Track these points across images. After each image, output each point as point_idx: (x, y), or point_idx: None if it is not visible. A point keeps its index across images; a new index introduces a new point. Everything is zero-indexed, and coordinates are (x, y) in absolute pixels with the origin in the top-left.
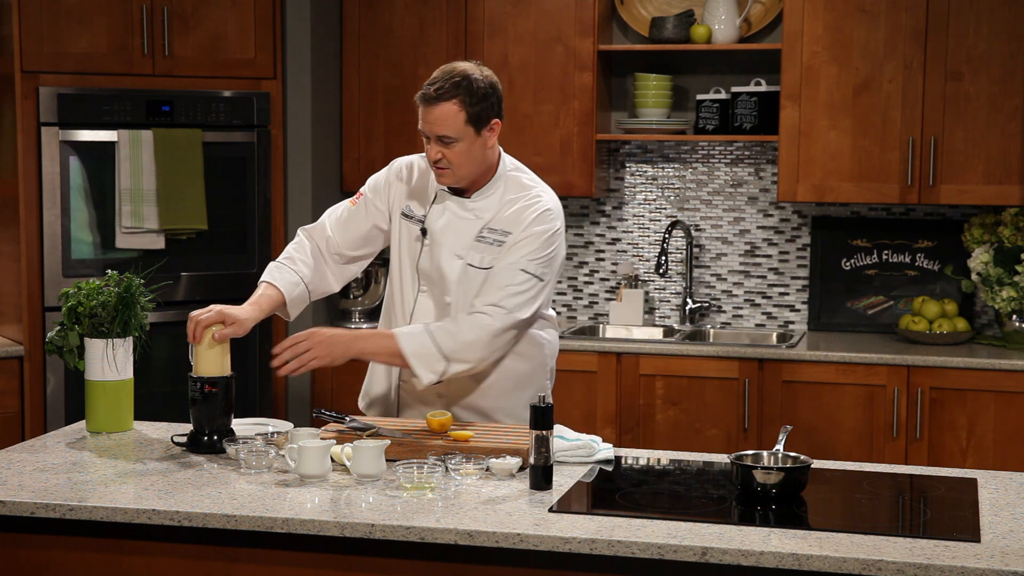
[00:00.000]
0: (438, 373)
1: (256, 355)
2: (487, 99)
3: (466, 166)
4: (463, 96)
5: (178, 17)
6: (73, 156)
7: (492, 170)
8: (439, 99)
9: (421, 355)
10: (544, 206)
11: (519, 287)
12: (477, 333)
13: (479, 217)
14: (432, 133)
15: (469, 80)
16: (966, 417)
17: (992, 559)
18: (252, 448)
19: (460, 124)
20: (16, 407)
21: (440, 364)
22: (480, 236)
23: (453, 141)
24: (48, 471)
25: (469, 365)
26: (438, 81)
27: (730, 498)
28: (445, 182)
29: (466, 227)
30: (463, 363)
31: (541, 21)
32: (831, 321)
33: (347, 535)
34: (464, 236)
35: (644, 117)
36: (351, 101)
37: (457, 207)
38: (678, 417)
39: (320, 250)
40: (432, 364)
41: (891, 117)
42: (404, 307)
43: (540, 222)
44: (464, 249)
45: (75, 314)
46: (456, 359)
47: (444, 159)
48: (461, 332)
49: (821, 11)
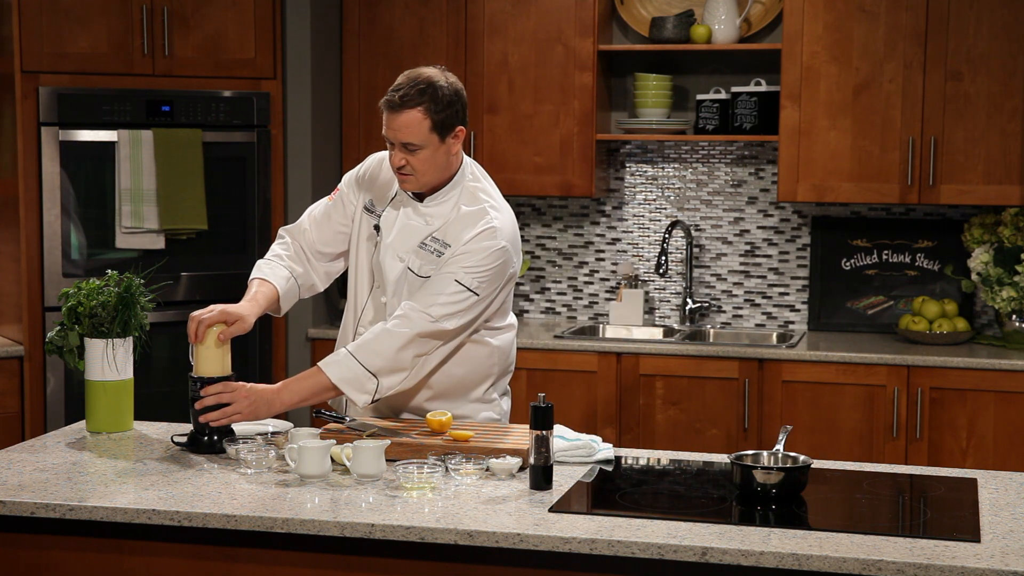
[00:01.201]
0: (371, 392)
1: (256, 355)
2: (452, 106)
3: (430, 173)
4: (428, 103)
5: (178, 17)
6: (73, 156)
7: (452, 175)
8: (404, 106)
9: (349, 379)
10: (491, 223)
11: (449, 297)
12: (397, 341)
13: (428, 224)
14: (396, 140)
15: (434, 87)
16: (966, 417)
17: (992, 559)
18: (252, 448)
19: (424, 131)
20: (16, 407)
21: (371, 383)
22: (423, 243)
23: (417, 148)
24: (48, 471)
25: (400, 376)
26: (403, 88)
27: (730, 498)
28: (408, 188)
29: (413, 231)
30: (392, 375)
31: (541, 21)
32: (831, 321)
33: (347, 535)
34: (410, 240)
35: (644, 117)
36: (351, 101)
37: (411, 210)
38: (678, 417)
39: (302, 248)
40: (363, 385)
41: (891, 117)
42: (357, 305)
43: (485, 238)
44: (407, 252)
45: (75, 314)
46: (384, 373)
47: (408, 166)
48: (381, 346)
49: (821, 11)
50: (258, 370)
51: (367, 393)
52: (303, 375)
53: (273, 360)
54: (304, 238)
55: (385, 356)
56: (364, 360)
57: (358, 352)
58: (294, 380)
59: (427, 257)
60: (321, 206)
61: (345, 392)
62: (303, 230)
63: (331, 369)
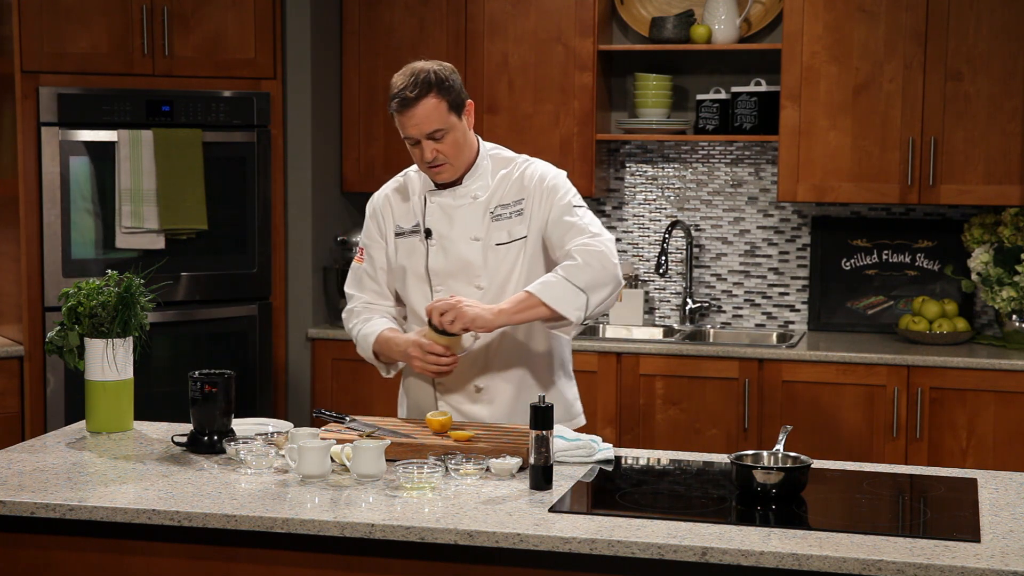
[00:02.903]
0: (582, 308)
1: (256, 355)
2: (455, 85)
3: (460, 154)
4: (436, 89)
5: (178, 17)
6: (73, 156)
7: (475, 153)
8: (417, 99)
9: (561, 296)
10: (536, 163)
11: (583, 217)
12: (598, 258)
13: (476, 198)
14: (421, 134)
15: (434, 73)
16: (966, 417)
17: (992, 559)
18: (252, 448)
19: (444, 114)
20: (16, 407)
21: (580, 298)
22: (495, 215)
23: (443, 133)
24: (48, 471)
25: (607, 291)
26: (408, 84)
27: (730, 498)
28: (444, 179)
29: (469, 211)
30: (600, 290)
31: (541, 21)
32: (831, 321)
33: (347, 535)
34: (471, 219)
35: (644, 117)
36: (351, 101)
37: (451, 198)
38: (678, 417)
39: (372, 306)
40: (574, 301)
41: (891, 117)
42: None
43: (547, 174)
44: (479, 231)
45: (75, 314)
46: (593, 288)
47: (439, 155)
48: (586, 263)
49: (821, 11)
50: (258, 370)
51: (579, 309)
52: (509, 300)
53: (273, 360)
54: (371, 301)
55: (592, 271)
56: (573, 278)
57: (566, 272)
58: (502, 306)
59: (508, 223)
60: (358, 272)
61: (556, 309)
62: (365, 299)
63: (542, 290)
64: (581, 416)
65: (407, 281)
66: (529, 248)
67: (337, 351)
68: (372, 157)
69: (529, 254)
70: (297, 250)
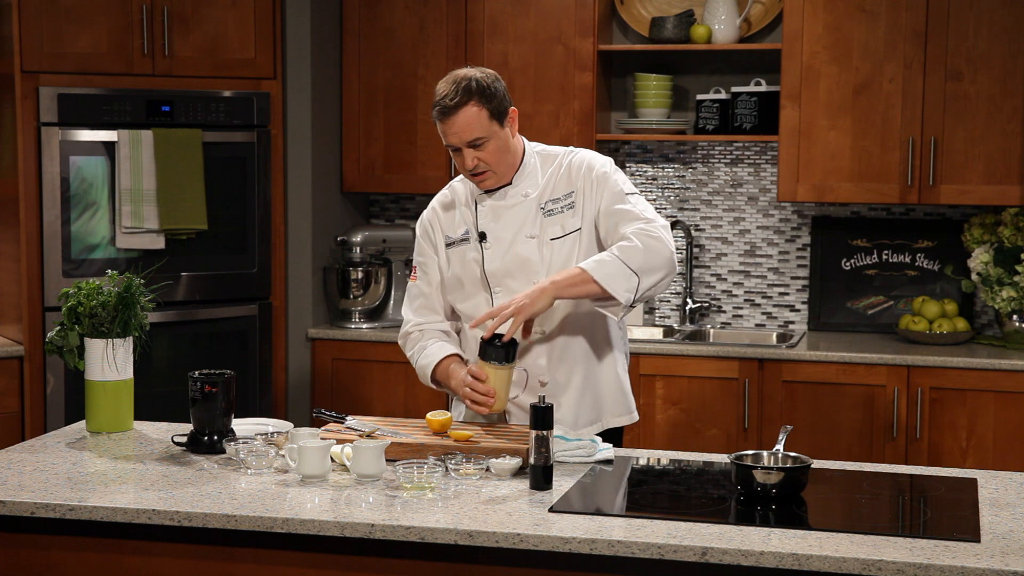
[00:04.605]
0: (632, 290)
1: (256, 355)
2: (497, 92)
3: (503, 162)
4: (477, 97)
5: (178, 17)
6: (73, 156)
7: (521, 155)
8: (457, 107)
9: (613, 275)
10: (581, 152)
11: (636, 204)
12: (653, 242)
13: (527, 196)
14: (462, 142)
15: (476, 81)
16: (966, 417)
17: (992, 559)
18: (252, 448)
19: (485, 122)
20: (16, 407)
21: (632, 280)
22: (547, 211)
23: (484, 141)
24: (48, 471)
25: (659, 275)
26: (449, 92)
27: (730, 498)
28: (488, 186)
29: (521, 210)
30: (653, 273)
31: (541, 21)
32: (831, 321)
33: (347, 535)
34: (525, 218)
35: (644, 117)
36: (351, 101)
37: (502, 200)
38: (678, 417)
39: (425, 326)
40: (625, 282)
41: (891, 117)
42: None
43: (594, 163)
44: (533, 228)
45: (75, 314)
46: (646, 272)
47: (481, 163)
48: (644, 247)
49: (821, 11)
50: (258, 370)
51: (629, 291)
52: (563, 273)
53: (273, 360)
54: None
55: (646, 253)
56: (627, 259)
57: (621, 252)
58: (556, 279)
59: (560, 217)
60: (414, 290)
61: (607, 288)
62: (417, 315)
63: (594, 268)
64: (635, 412)
65: (465, 290)
66: (584, 240)
67: (337, 351)
68: (372, 157)
69: (584, 246)
70: (297, 250)
